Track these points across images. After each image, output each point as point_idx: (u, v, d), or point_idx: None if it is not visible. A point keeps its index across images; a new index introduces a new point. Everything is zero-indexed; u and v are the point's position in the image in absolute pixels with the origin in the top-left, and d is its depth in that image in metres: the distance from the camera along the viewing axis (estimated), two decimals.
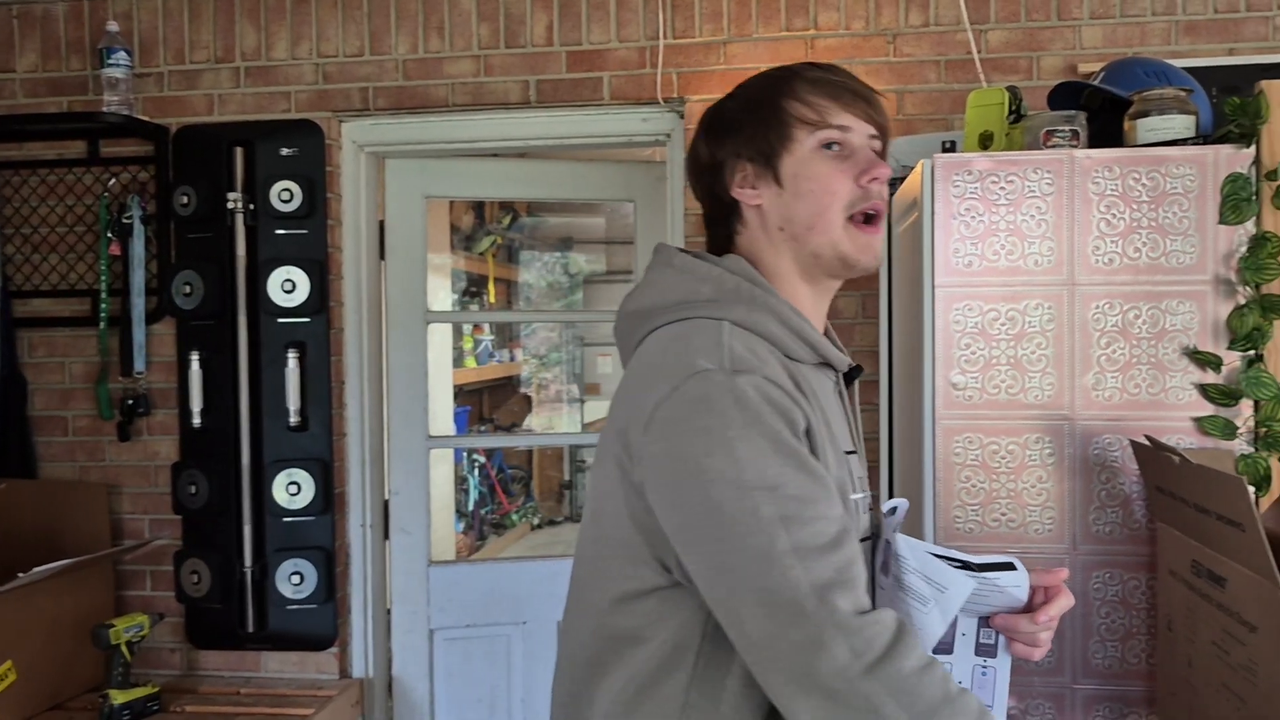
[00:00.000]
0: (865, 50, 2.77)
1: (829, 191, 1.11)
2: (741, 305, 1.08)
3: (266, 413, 2.89)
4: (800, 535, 0.94)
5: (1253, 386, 1.68)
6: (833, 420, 1.12)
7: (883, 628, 0.93)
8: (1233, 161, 1.71)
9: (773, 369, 1.04)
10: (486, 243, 5.93)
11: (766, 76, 1.18)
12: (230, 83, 2.92)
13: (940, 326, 1.78)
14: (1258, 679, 1.28)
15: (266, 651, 2.94)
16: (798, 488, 0.96)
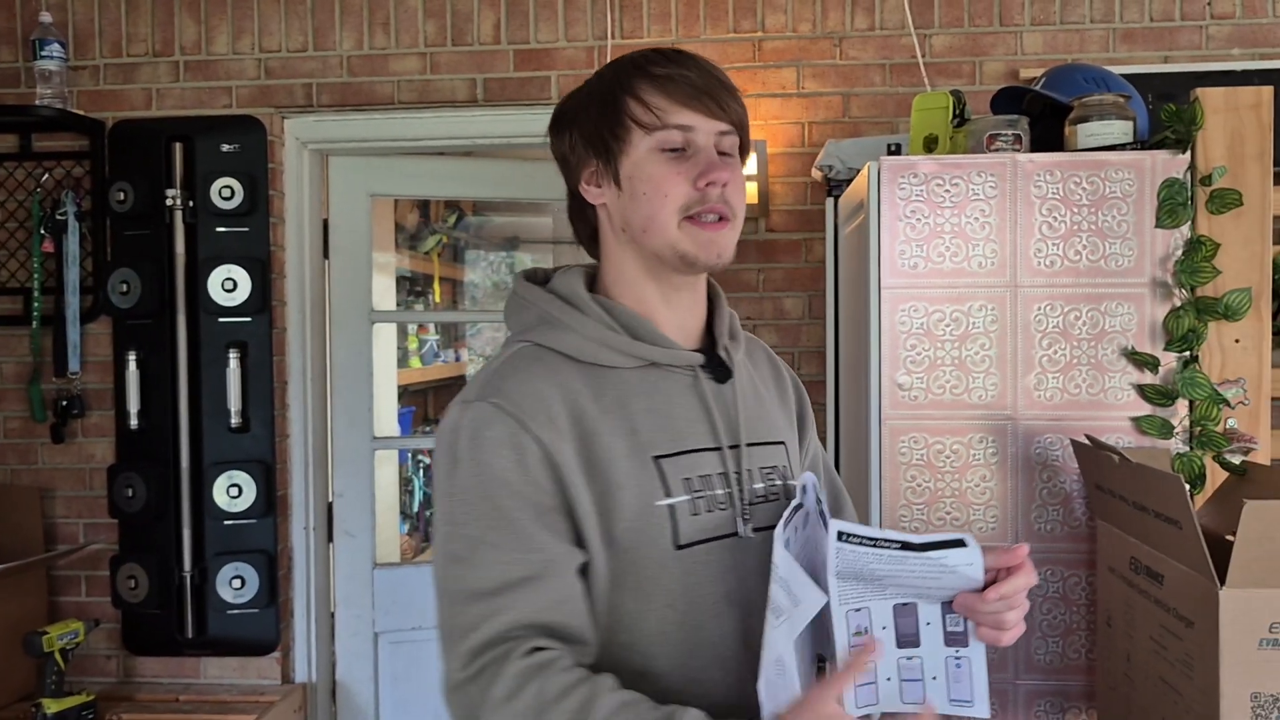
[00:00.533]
0: (812, 53, 2.79)
1: (661, 194, 1.09)
2: (546, 326, 1.13)
3: (207, 414, 2.84)
4: (458, 575, 1.02)
5: (1188, 387, 1.72)
6: (670, 419, 1.11)
7: (503, 681, 0.97)
8: (1169, 167, 1.75)
9: (525, 388, 1.06)
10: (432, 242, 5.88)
11: (611, 69, 1.14)
12: (169, 77, 2.86)
13: (886, 327, 1.80)
14: (1194, 673, 1.31)
15: (206, 657, 2.88)
16: (477, 529, 1.02)
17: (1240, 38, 2.68)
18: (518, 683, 0.96)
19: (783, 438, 1.24)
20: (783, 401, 1.30)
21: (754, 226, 2.83)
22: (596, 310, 1.13)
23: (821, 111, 2.80)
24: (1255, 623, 1.24)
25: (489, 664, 0.98)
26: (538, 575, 1.01)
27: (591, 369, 1.10)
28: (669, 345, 1.14)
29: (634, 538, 1.06)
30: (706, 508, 1.10)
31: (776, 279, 2.83)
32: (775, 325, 2.83)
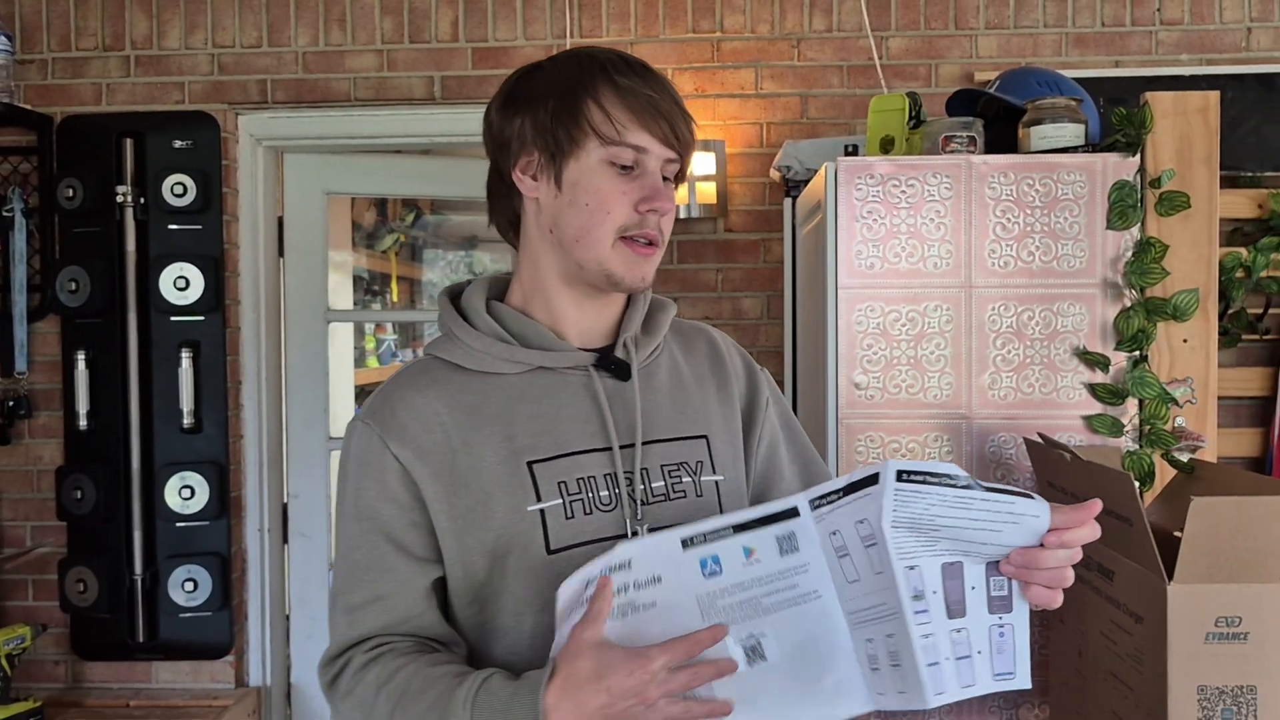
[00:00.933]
0: (770, 54, 2.80)
1: (604, 211, 1.08)
2: (444, 339, 1.16)
3: (158, 414, 2.79)
4: (335, 588, 1.11)
5: (1138, 386, 1.75)
6: (555, 423, 1.10)
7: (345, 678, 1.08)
8: (1119, 169, 1.78)
9: (401, 404, 1.10)
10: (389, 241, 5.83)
11: (575, 63, 1.10)
12: (119, 71, 2.81)
13: (843, 327, 1.81)
14: (1143, 668, 1.33)
15: (158, 661, 2.84)
16: (346, 547, 1.11)
17: (1188, 43, 2.74)
18: (356, 677, 1.06)
19: (706, 431, 1.19)
20: (721, 391, 1.24)
21: (713, 226, 2.84)
22: (486, 321, 1.14)
23: (780, 112, 2.81)
24: (1201, 617, 1.26)
25: (340, 668, 1.08)
26: (386, 595, 1.07)
27: (478, 377, 1.12)
28: (557, 348, 1.13)
29: (506, 544, 1.07)
30: (585, 510, 1.08)
31: (735, 279, 2.84)
32: (734, 325, 2.84)
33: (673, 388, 1.19)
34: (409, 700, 1.01)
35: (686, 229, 2.84)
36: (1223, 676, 1.26)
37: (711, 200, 2.77)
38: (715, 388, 1.23)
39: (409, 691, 1.02)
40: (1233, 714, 1.25)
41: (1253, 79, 2.65)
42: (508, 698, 0.96)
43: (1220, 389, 2.58)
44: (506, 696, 0.96)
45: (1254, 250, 2.52)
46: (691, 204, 2.76)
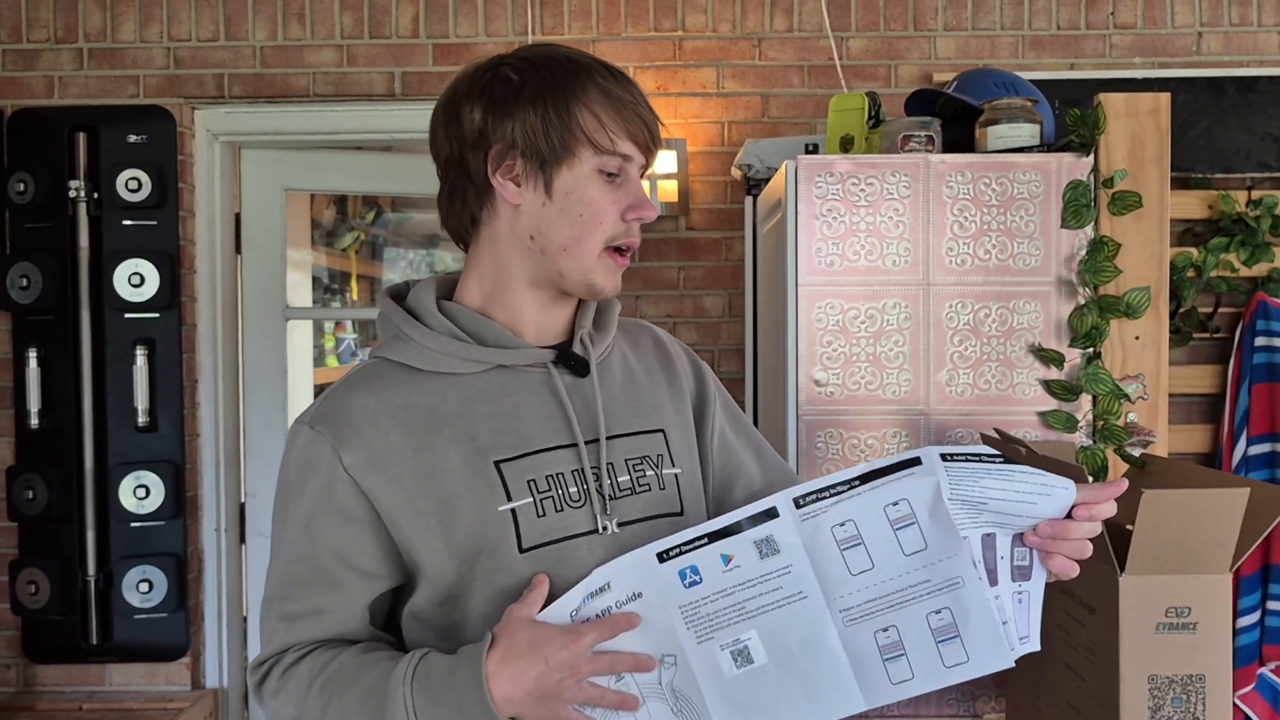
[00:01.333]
0: (731, 53, 2.81)
1: (596, 220, 1.07)
2: (396, 341, 1.13)
3: (112, 413, 2.75)
4: (271, 594, 1.10)
5: (1091, 382, 1.78)
6: (517, 421, 1.10)
7: (271, 679, 1.08)
8: (1073, 169, 1.80)
9: (352, 408, 1.08)
10: (349, 239, 5.79)
11: (561, 68, 1.07)
12: (72, 64, 2.76)
13: (803, 324, 1.82)
14: (1096, 658, 1.36)
15: (112, 664, 2.79)
16: (290, 556, 1.08)
17: (1141, 46, 2.78)
18: (284, 676, 1.06)
19: (662, 425, 1.19)
20: (671, 385, 1.25)
21: (674, 225, 2.85)
22: (440, 320, 1.11)
23: (741, 111, 2.82)
24: (1152, 608, 1.28)
25: (269, 669, 1.08)
26: (327, 610, 1.07)
27: (436, 378, 1.09)
28: (515, 345, 1.12)
29: (477, 545, 1.05)
30: (555, 508, 1.08)
31: (697, 277, 2.85)
32: (695, 323, 2.85)
33: (626, 383, 1.20)
34: (344, 689, 1.01)
35: (648, 227, 2.83)
36: (1172, 666, 1.29)
37: (673, 199, 2.78)
38: (665, 383, 1.24)
39: (343, 680, 1.02)
40: (1182, 703, 1.28)
41: (1203, 82, 2.70)
42: (447, 670, 0.98)
43: (1172, 386, 2.63)
44: (446, 669, 0.98)
45: (1204, 250, 2.58)
46: (654, 202, 2.76)
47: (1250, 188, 2.64)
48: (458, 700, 0.96)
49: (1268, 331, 2.54)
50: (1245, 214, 2.59)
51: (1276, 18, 2.76)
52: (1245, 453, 2.54)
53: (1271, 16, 2.76)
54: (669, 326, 2.85)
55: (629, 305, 2.85)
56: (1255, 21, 2.76)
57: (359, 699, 1.00)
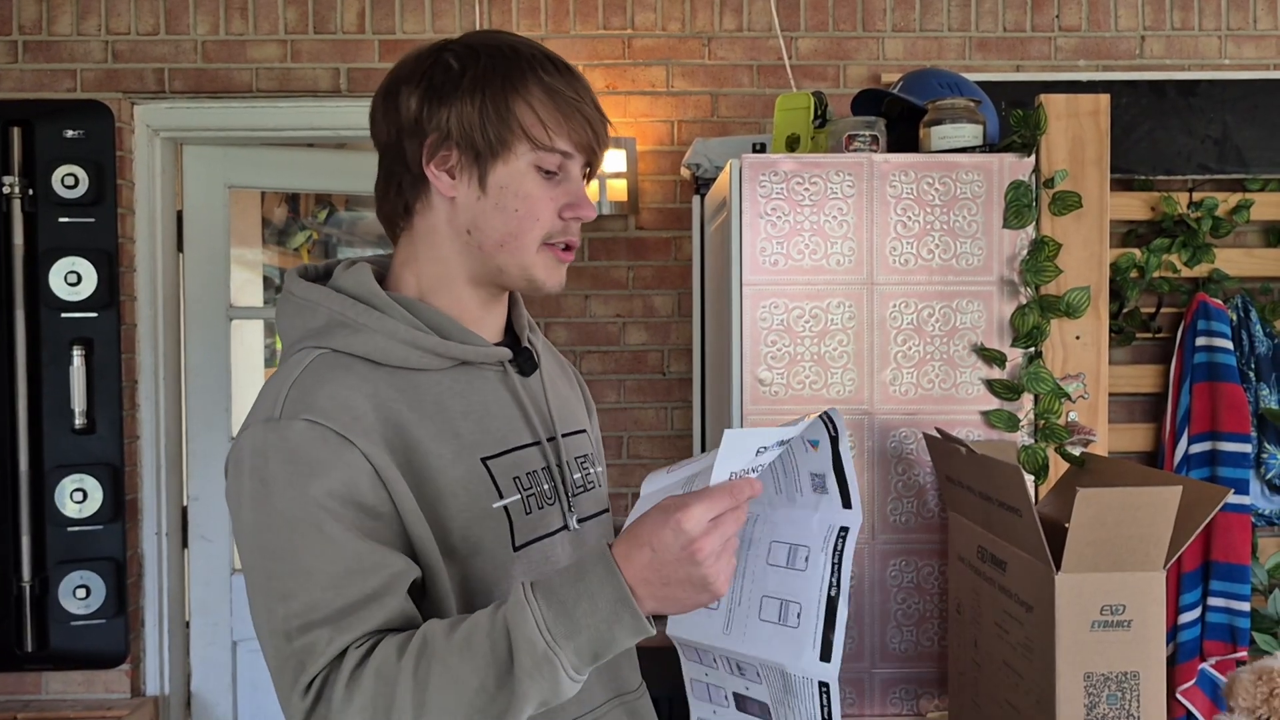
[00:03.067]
0: (681, 52, 2.80)
1: (533, 217, 1.04)
2: (345, 330, 1.04)
3: (48, 414, 2.68)
4: (286, 612, 0.94)
5: (1033, 382, 1.78)
6: (488, 418, 1.08)
7: (339, 683, 0.91)
8: (1015, 169, 1.81)
9: (338, 400, 0.98)
10: (301, 238, 5.70)
11: (504, 59, 1.04)
12: (6, 57, 2.70)
13: (747, 323, 1.81)
14: (1033, 656, 1.36)
15: (48, 672, 2.73)
16: (305, 559, 0.94)
17: (1085, 49, 2.81)
18: (354, 676, 0.91)
19: (583, 425, 1.24)
20: (572, 388, 1.29)
21: (624, 224, 2.83)
22: (398, 310, 1.05)
23: (690, 110, 2.82)
24: (1088, 605, 1.29)
25: (324, 684, 0.92)
26: (380, 591, 0.94)
27: (400, 373, 1.04)
28: (477, 342, 1.09)
29: (473, 544, 1.02)
30: (537, 505, 1.08)
31: (646, 277, 2.84)
32: (645, 323, 2.84)
33: (552, 382, 1.21)
34: (444, 653, 0.89)
35: (598, 226, 2.83)
36: (1108, 663, 1.29)
37: (622, 198, 2.77)
38: (568, 384, 1.29)
39: (436, 645, 0.90)
40: (1117, 700, 1.28)
41: (1145, 85, 2.73)
42: (575, 574, 0.89)
43: (1115, 386, 2.66)
44: (573, 573, 0.89)
45: (1147, 251, 2.62)
46: (602, 201, 2.75)
47: (1191, 189, 2.68)
48: (599, 598, 0.87)
49: (1208, 331, 2.58)
50: (1186, 215, 2.63)
51: (1217, 22, 2.80)
52: (1187, 451, 2.58)
53: (1212, 21, 2.80)
54: (618, 326, 2.83)
55: (578, 304, 2.83)
56: (1196, 25, 2.80)
57: (462, 653, 0.88)
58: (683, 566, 0.87)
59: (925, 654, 1.84)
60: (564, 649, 0.87)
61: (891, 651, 1.84)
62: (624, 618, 0.87)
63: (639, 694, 1.18)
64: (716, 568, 0.87)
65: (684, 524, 0.86)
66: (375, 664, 0.91)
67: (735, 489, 0.88)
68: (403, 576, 0.96)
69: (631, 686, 1.17)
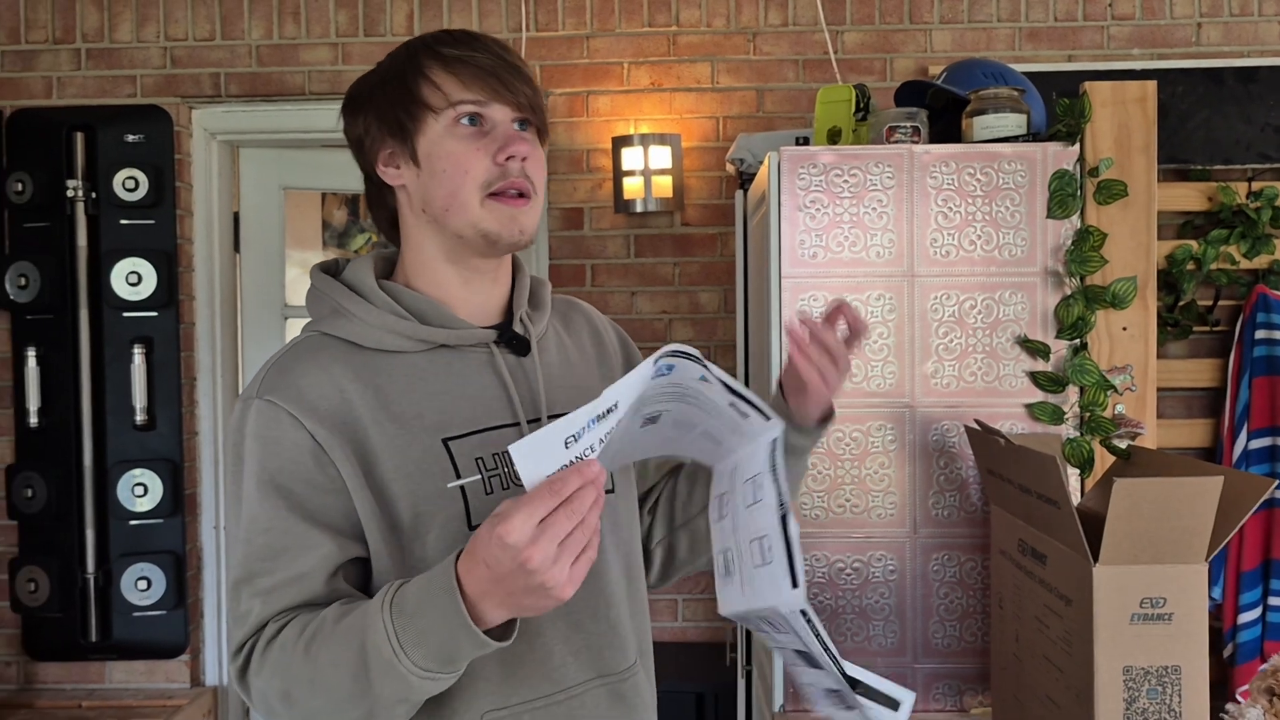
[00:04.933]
0: (726, 48, 2.80)
1: (462, 171, 1.07)
2: (336, 316, 1.12)
3: (110, 411, 2.76)
4: (240, 575, 1.05)
5: (1077, 373, 1.75)
6: (462, 400, 1.10)
7: (255, 657, 1.03)
8: (1060, 159, 1.79)
9: (303, 381, 1.05)
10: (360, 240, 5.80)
11: (403, 50, 1.12)
12: (70, 65, 2.78)
13: (787, 316, 1.81)
14: (1073, 650, 1.34)
15: (111, 661, 2.81)
16: (258, 530, 1.04)
17: (1139, 38, 2.75)
18: (267, 647, 1.01)
19: None
20: (602, 363, 1.27)
21: (669, 220, 2.84)
22: (382, 297, 1.11)
23: (736, 106, 2.81)
24: (1127, 599, 1.26)
25: (251, 649, 1.03)
26: (308, 572, 1.02)
27: (377, 355, 1.09)
28: (458, 325, 1.12)
29: (425, 522, 1.05)
30: (502, 485, 1.08)
31: (692, 273, 2.84)
32: (691, 319, 2.84)
33: (562, 363, 1.21)
34: (327, 639, 0.97)
35: (643, 223, 2.84)
36: (1148, 657, 1.27)
37: (668, 194, 2.77)
38: (596, 362, 1.27)
39: (324, 630, 0.98)
40: (1157, 694, 1.26)
41: (1201, 73, 2.67)
42: (423, 585, 0.92)
43: (1171, 380, 2.61)
44: (421, 584, 0.92)
45: (1204, 243, 2.56)
46: (648, 198, 2.76)
47: (1250, 179, 2.61)
48: (436, 613, 0.90)
49: (1268, 324, 2.51)
50: (1245, 206, 2.56)
51: (1277, 7, 2.72)
52: (1246, 447, 2.51)
53: (1272, 6, 2.72)
54: (664, 322, 2.84)
55: (624, 301, 2.85)
56: (1256, 11, 2.73)
57: (341, 642, 0.95)
58: (518, 578, 0.85)
59: (968, 649, 1.82)
60: (410, 655, 0.91)
61: (934, 646, 1.82)
62: (461, 633, 0.89)
63: (626, 674, 1.14)
64: (553, 573, 0.85)
65: (506, 537, 0.84)
66: (282, 639, 1.00)
67: (555, 484, 0.85)
68: (330, 558, 1.03)
69: (618, 668, 1.14)
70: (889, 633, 1.83)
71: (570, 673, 1.10)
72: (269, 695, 1.02)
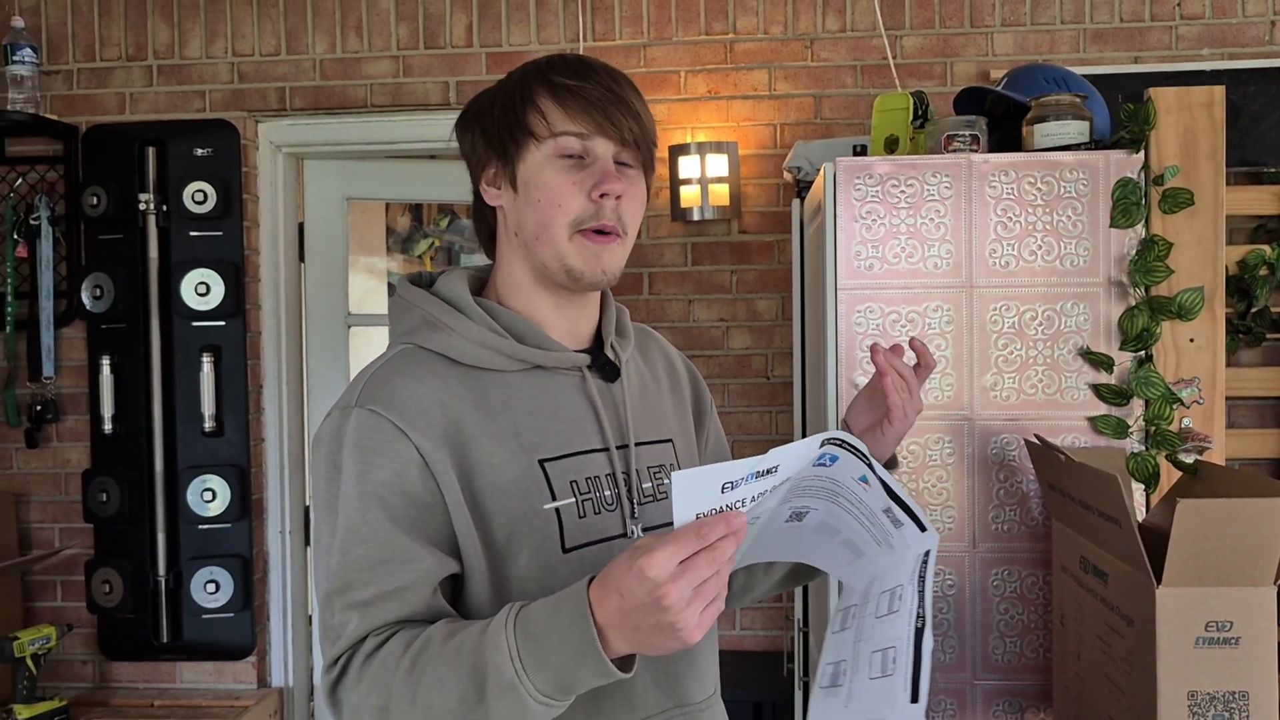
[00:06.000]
0: (783, 55, 2.79)
1: (555, 204, 1.08)
2: (430, 329, 1.11)
3: (180, 418, 2.84)
4: (334, 588, 1.02)
5: (1142, 386, 1.72)
6: (556, 421, 1.11)
7: (353, 669, 0.99)
8: (1123, 166, 1.75)
9: (404, 394, 1.04)
10: (424, 245, 5.88)
11: (519, 72, 1.13)
12: (142, 81, 2.87)
13: (842, 329, 1.80)
14: (1135, 672, 1.31)
15: (182, 662, 2.88)
16: (354, 542, 1.01)
17: (1209, 38, 2.69)
18: (367, 661, 0.98)
19: (671, 435, 1.22)
20: (676, 394, 1.28)
21: (726, 228, 2.84)
22: (479, 313, 1.11)
23: (793, 113, 2.80)
24: (1191, 621, 1.23)
25: (347, 662, 1.00)
26: (408, 585, 1.00)
27: (473, 372, 1.09)
28: (553, 348, 1.13)
29: (519, 542, 1.05)
30: (594, 509, 1.09)
31: (750, 280, 2.83)
32: (748, 327, 2.83)
33: (641, 391, 1.22)
34: (436, 657, 0.94)
35: (701, 230, 2.84)
36: (1214, 682, 1.24)
37: (725, 202, 2.77)
38: (670, 392, 1.27)
39: (431, 647, 0.95)
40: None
41: (1275, 73, 2.59)
42: (552, 607, 0.91)
43: (1243, 389, 2.54)
44: (550, 606, 0.91)
45: (1276, 247, 2.48)
46: (705, 205, 2.75)
47: None
48: (564, 637, 0.88)
49: None
50: None
51: None
52: None
53: None
54: (722, 330, 2.84)
55: (681, 309, 2.85)
56: None
57: (450, 662, 0.93)
58: (650, 614, 0.84)
59: (1029, 665, 1.79)
60: (532, 679, 0.89)
61: (994, 662, 1.80)
62: (588, 660, 0.88)
63: (704, 705, 1.16)
64: (685, 615, 0.84)
65: (647, 571, 0.83)
66: (383, 654, 0.97)
67: (703, 529, 0.84)
68: (431, 573, 1.01)
69: (695, 698, 1.15)
70: (948, 648, 1.81)
71: (651, 700, 1.10)
72: (364, 712, 0.99)
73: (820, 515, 0.98)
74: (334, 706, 1.02)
